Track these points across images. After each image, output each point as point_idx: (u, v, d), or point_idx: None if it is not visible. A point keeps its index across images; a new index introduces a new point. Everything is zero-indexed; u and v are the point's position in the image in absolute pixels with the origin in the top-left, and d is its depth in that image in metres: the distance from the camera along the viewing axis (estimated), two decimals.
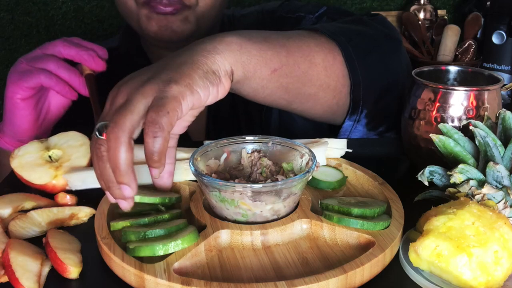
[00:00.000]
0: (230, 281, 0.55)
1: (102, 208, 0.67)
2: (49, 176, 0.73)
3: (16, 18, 1.87)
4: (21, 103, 0.87)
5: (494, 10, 1.66)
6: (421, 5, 1.85)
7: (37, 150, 0.76)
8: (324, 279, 0.54)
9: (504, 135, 0.65)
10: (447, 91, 0.76)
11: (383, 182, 0.73)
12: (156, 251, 0.58)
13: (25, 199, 0.70)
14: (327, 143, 0.79)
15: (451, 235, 0.54)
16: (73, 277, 0.58)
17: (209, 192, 0.64)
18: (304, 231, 0.64)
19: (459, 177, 0.61)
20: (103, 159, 0.61)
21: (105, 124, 0.61)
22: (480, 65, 1.64)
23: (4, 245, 0.60)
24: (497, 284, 0.54)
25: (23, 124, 0.90)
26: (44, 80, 0.84)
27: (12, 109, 0.89)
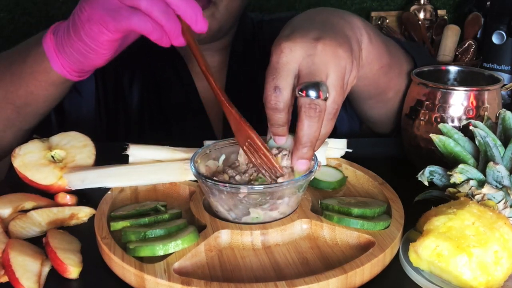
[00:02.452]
0: (230, 281, 0.55)
1: (102, 208, 0.67)
2: (55, 176, 0.73)
3: (16, 18, 1.87)
4: (106, 44, 0.73)
5: (494, 10, 1.66)
6: (421, 5, 1.85)
7: (39, 150, 0.76)
8: (324, 279, 0.54)
9: (504, 135, 0.65)
10: (447, 91, 0.76)
11: (383, 182, 0.73)
12: (156, 251, 0.58)
13: (25, 199, 0.70)
14: (327, 143, 0.79)
15: (451, 235, 0.54)
16: (73, 277, 0.58)
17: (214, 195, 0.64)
18: (304, 231, 0.64)
19: (459, 177, 0.61)
20: (319, 121, 0.62)
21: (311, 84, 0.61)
22: (480, 65, 1.64)
23: (4, 245, 0.60)
24: (497, 284, 0.54)
25: (97, 60, 0.76)
26: (138, 25, 0.68)
27: (92, 47, 0.74)
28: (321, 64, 0.64)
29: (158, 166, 0.74)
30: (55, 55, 0.77)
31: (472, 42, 1.62)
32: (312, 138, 0.62)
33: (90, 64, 0.77)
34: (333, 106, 0.64)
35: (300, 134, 0.62)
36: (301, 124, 0.62)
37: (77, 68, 0.78)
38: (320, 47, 0.64)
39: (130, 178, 0.73)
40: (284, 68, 0.64)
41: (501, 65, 1.65)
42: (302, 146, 0.62)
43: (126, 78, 1.08)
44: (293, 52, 0.64)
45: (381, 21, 1.89)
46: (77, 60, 0.76)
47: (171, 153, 0.76)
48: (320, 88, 0.61)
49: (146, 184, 0.74)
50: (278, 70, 0.64)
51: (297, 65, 0.64)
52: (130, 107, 1.08)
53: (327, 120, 0.64)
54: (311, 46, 0.64)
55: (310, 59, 0.64)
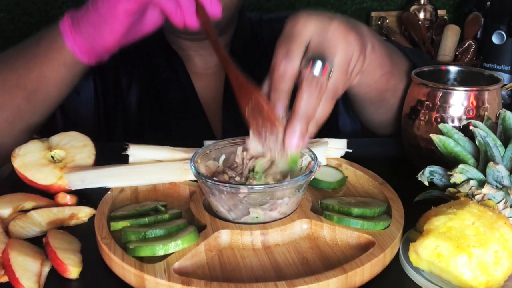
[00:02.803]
0: (230, 281, 0.55)
1: (102, 208, 0.67)
2: (55, 176, 0.73)
3: (16, 18, 1.87)
4: (121, 16, 0.75)
5: (494, 10, 1.66)
6: (421, 5, 1.85)
7: (39, 150, 0.76)
8: (324, 279, 0.54)
9: (504, 135, 0.65)
10: (447, 91, 0.76)
11: (383, 182, 0.73)
12: (156, 251, 0.58)
13: (25, 199, 0.70)
14: (327, 143, 0.79)
15: (451, 235, 0.54)
16: (73, 277, 0.58)
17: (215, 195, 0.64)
18: (304, 231, 0.64)
19: (459, 177, 0.61)
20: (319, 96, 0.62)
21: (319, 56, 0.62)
22: (480, 65, 1.64)
23: (4, 245, 0.60)
24: (497, 284, 0.54)
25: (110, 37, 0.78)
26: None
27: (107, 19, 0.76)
28: (332, 42, 0.65)
29: (158, 166, 0.74)
30: (69, 31, 0.80)
31: (472, 42, 1.62)
32: (308, 113, 0.62)
33: (101, 40, 0.79)
34: (334, 86, 0.64)
35: (296, 107, 0.62)
36: (299, 97, 0.62)
37: (89, 46, 0.80)
38: (334, 26, 0.66)
39: (130, 178, 0.73)
40: (297, 37, 0.65)
41: (501, 65, 1.65)
42: (297, 119, 0.61)
43: (124, 79, 1.09)
44: (308, 24, 0.65)
45: (381, 21, 1.89)
46: (90, 35, 0.79)
47: (171, 153, 0.76)
48: (326, 62, 0.62)
49: (146, 184, 0.74)
50: (291, 39, 0.65)
51: (309, 37, 0.65)
52: (129, 108, 1.08)
53: (326, 99, 0.64)
54: (325, 22, 0.66)
55: (323, 34, 0.65)
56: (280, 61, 0.63)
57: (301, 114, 0.61)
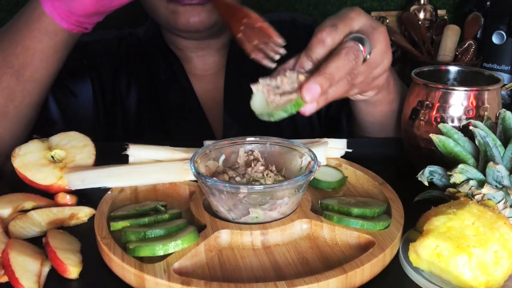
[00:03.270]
0: (230, 281, 0.55)
1: (102, 208, 0.67)
2: (55, 176, 0.73)
3: None
4: None
5: (494, 10, 1.66)
6: (421, 5, 1.85)
7: (39, 150, 0.76)
8: (324, 279, 0.54)
9: (504, 135, 0.65)
10: (447, 91, 0.76)
11: (383, 182, 0.73)
12: (156, 251, 0.58)
13: (25, 199, 0.70)
14: (327, 143, 0.79)
15: (451, 235, 0.54)
16: (73, 277, 0.58)
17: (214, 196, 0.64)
18: (304, 231, 0.64)
19: (459, 177, 0.61)
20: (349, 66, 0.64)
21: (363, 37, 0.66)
22: (480, 65, 1.64)
23: (4, 245, 0.60)
24: (497, 284, 0.54)
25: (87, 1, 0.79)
26: None
27: None
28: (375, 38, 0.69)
29: (158, 166, 0.74)
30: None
31: (472, 42, 1.62)
32: (335, 75, 0.63)
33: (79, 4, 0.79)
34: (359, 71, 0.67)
35: (326, 65, 0.62)
36: (334, 58, 0.63)
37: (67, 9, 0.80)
38: (382, 29, 0.70)
39: (130, 178, 0.73)
40: (348, 19, 0.68)
41: (501, 65, 1.65)
42: (322, 75, 0.62)
43: (123, 81, 1.08)
44: (362, 15, 0.70)
45: (381, 21, 1.89)
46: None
47: (171, 153, 0.76)
48: (366, 45, 0.66)
49: (146, 184, 0.74)
50: (343, 18, 0.68)
51: (358, 25, 0.69)
52: (128, 109, 1.08)
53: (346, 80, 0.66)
54: (376, 23, 0.71)
55: (370, 29, 0.69)
56: (324, 29, 0.66)
57: (328, 72, 0.62)
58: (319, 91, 0.61)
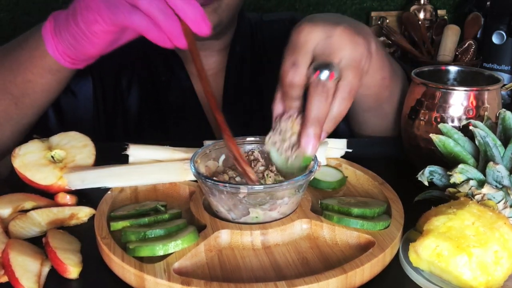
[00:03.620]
0: (230, 281, 0.55)
1: (102, 208, 0.67)
2: (55, 176, 0.73)
3: (16, 18, 1.87)
4: (100, 33, 0.73)
5: (494, 10, 1.66)
6: (421, 5, 1.85)
7: (39, 150, 0.76)
8: (324, 279, 0.54)
9: (504, 135, 0.65)
10: (447, 91, 0.76)
11: (383, 182, 0.73)
12: (156, 251, 0.58)
13: (25, 199, 0.70)
14: (327, 143, 0.79)
15: (451, 235, 0.54)
16: (73, 277, 0.58)
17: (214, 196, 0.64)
18: (304, 231, 0.64)
19: (459, 177, 0.61)
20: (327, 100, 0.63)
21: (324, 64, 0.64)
22: (480, 65, 1.64)
23: (4, 245, 0.60)
24: (497, 284, 0.54)
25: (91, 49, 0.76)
26: (135, 23, 0.67)
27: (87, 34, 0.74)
28: (337, 46, 0.66)
29: (158, 166, 0.74)
30: (51, 37, 0.78)
31: (472, 42, 1.62)
32: (320, 116, 0.63)
33: (84, 52, 0.77)
34: (348, 86, 0.65)
35: (307, 112, 0.63)
36: (309, 102, 0.63)
37: (71, 54, 0.78)
38: (338, 31, 0.67)
39: (130, 178, 0.73)
40: (303, 46, 0.66)
41: (501, 65, 1.65)
42: (310, 124, 0.63)
43: (124, 81, 1.08)
44: (312, 32, 0.67)
45: (381, 21, 1.89)
46: (71, 45, 0.76)
47: (171, 153, 0.76)
48: (332, 69, 0.63)
49: (146, 184, 0.74)
50: (297, 48, 0.66)
51: (315, 45, 0.66)
52: (129, 109, 1.08)
53: (341, 99, 0.65)
54: (330, 29, 0.67)
55: (328, 40, 0.66)
56: (287, 71, 0.65)
57: (312, 119, 0.63)
58: (315, 142, 0.63)
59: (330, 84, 0.63)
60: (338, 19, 0.71)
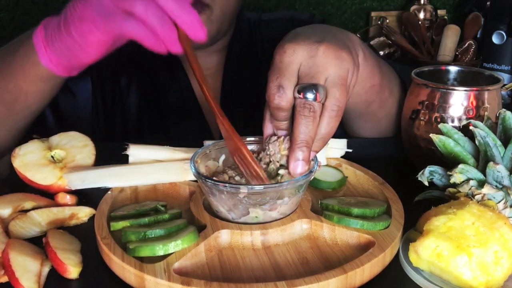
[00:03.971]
0: (230, 281, 0.55)
1: (102, 208, 0.67)
2: (55, 176, 0.73)
3: (16, 18, 1.87)
4: (95, 43, 0.71)
5: (494, 10, 1.66)
6: (421, 5, 1.85)
7: (39, 150, 0.76)
8: (324, 279, 0.54)
9: (504, 135, 0.65)
10: (447, 91, 0.76)
11: (383, 182, 0.73)
12: (156, 251, 0.58)
13: (25, 199, 0.70)
14: (327, 143, 0.79)
15: (451, 235, 0.54)
16: (73, 277, 0.58)
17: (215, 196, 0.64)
18: (304, 231, 0.64)
19: (459, 177, 0.61)
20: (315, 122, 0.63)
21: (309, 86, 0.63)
22: (480, 65, 1.64)
23: (4, 245, 0.60)
24: (497, 284, 0.54)
25: (85, 58, 0.75)
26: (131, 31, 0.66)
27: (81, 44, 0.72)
28: (322, 66, 0.65)
29: (158, 166, 0.74)
30: (43, 48, 0.76)
31: (472, 42, 1.62)
32: (307, 139, 0.63)
33: (78, 61, 0.76)
34: (335, 104, 0.64)
35: (295, 135, 0.63)
36: (296, 124, 0.63)
37: (65, 64, 0.77)
38: (322, 49, 0.66)
39: (130, 178, 0.73)
40: (287, 68, 0.65)
41: (501, 65, 1.65)
42: (298, 147, 0.63)
43: (123, 81, 1.08)
44: (296, 53, 0.66)
45: (381, 21, 1.89)
46: (65, 55, 0.75)
47: (171, 153, 0.76)
48: (317, 91, 0.63)
49: (146, 184, 0.74)
50: (281, 70, 0.65)
51: (298, 65, 0.66)
52: (128, 110, 1.08)
53: (329, 118, 0.64)
54: (313, 47, 0.66)
55: (312, 60, 0.65)
56: (274, 94, 0.65)
57: (300, 143, 0.63)
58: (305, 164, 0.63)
59: (317, 105, 0.63)
60: (322, 33, 0.70)
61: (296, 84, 0.65)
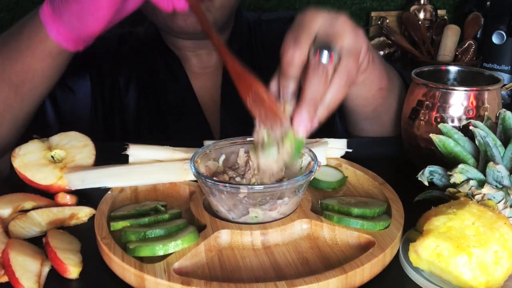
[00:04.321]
0: (230, 281, 0.55)
1: (102, 208, 0.67)
2: (55, 176, 0.73)
3: (16, 18, 1.87)
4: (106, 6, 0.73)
5: (494, 10, 1.66)
6: (421, 5, 1.85)
7: (39, 150, 0.76)
8: (324, 279, 0.54)
9: (504, 135, 0.65)
10: (447, 91, 0.76)
11: (383, 182, 0.73)
12: (156, 251, 0.58)
13: (25, 199, 0.70)
14: (327, 143, 0.79)
15: (451, 235, 0.54)
16: (73, 277, 0.58)
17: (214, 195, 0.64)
18: (304, 231, 0.64)
19: (459, 177, 0.61)
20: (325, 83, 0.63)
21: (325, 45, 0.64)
22: (480, 65, 1.64)
23: (4, 245, 0.60)
24: (497, 284, 0.54)
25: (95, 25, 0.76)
26: None
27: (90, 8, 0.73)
28: (340, 32, 0.67)
29: (158, 166, 0.74)
30: (51, 21, 0.77)
31: (472, 42, 1.62)
32: (315, 98, 0.63)
33: (86, 30, 0.76)
34: (346, 71, 0.65)
35: (304, 92, 0.63)
36: (307, 83, 0.63)
37: (74, 35, 0.77)
38: (342, 19, 0.68)
39: (130, 178, 0.73)
40: (306, 27, 0.66)
41: (501, 65, 1.65)
42: (304, 104, 0.62)
43: (122, 80, 1.08)
44: (317, 16, 0.67)
45: (381, 21, 1.89)
46: (73, 25, 0.76)
47: (171, 153, 0.76)
48: (332, 50, 0.64)
49: (146, 184, 0.74)
50: (300, 27, 0.66)
51: (318, 27, 0.66)
52: (127, 109, 1.08)
53: (337, 85, 0.65)
54: (333, 16, 0.68)
55: (331, 25, 0.67)
56: (288, 48, 0.65)
57: (308, 99, 0.62)
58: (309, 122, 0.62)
59: (329, 67, 0.63)
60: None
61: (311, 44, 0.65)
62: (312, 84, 0.63)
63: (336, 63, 0.64)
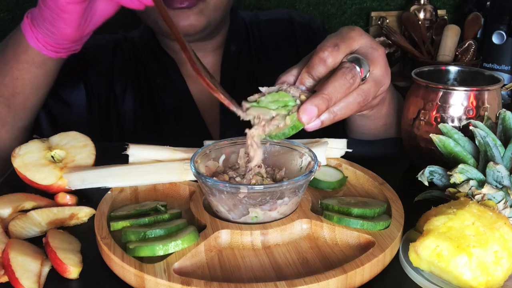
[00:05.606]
0: (230, 281, 0.55)
1: (102, 208, 0.67)
2: (55, 176, 0.73)
3: (16, 18, 1.87)
4: (67, 7, 0.75)
5: (494, 10, 1.66)
6: (421, 5, 1.85)
7: (39, 150, 0.76)
8: (324, 279, 0.54)
9: (504, 135, 0.65)
10: (447, 91, 0.76)
11: (383, 182, 0.73)
12: (156, 251, 0.58)
13: (25, 199, 0.70)
14: (327, 143, 0.79)
15: (451, 235, 0.54)
16: (73, 277, 0.58)
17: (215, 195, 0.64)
18: (304, 231, 0.64)
19: (459, 177, 0.61)
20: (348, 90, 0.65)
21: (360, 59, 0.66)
22: (480, 65, 1.64)
23: (4, 245, 0.60)
24: (497, 284, 0.54)
25: (65, 28, 0.78)
26: None
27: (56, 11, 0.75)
28: (376, 59, 0.69)
29: (158, 166, 0.74)
30: (30, 30, 0.81)
31: (472, 42, 1.62)
32: (331, 96, 0.63)
33: (61, 34, 0.79)
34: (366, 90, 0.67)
35: (325, 86, 0.63)
36: (332, 79, 0.64)
37: (50, 41, 0.81)
38: (381, 51, 0.71)
39: (130, 178, 0.73)
40: (350, 39, 0.68)
41: (501, 65, 1.65)
42: (320, 96, 0.62)
43: (119, 86, 1.08)
44: (363, 36, 0.70)
45: (381, 21, 1.89)
46: (48, 31, 0.79)
47: (171, 153, 0.76)
48: (363, 66, 0.66)
49: (146, 184, 0.74)
50: (344, 38, 0.68)
51: (359, 46, 0.69)
52: (124, 115, 1.08)
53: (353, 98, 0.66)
54: (376, 44, 0.71)
55: (371, 49, 0.70)
56: (326, 48, 0.66)
57: (325, 94, 0.63)
58: (316, 113, 0.62)
59: (358, 77, 0.65)
60: None
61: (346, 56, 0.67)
62: (336, 83, 0.63)
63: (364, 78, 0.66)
